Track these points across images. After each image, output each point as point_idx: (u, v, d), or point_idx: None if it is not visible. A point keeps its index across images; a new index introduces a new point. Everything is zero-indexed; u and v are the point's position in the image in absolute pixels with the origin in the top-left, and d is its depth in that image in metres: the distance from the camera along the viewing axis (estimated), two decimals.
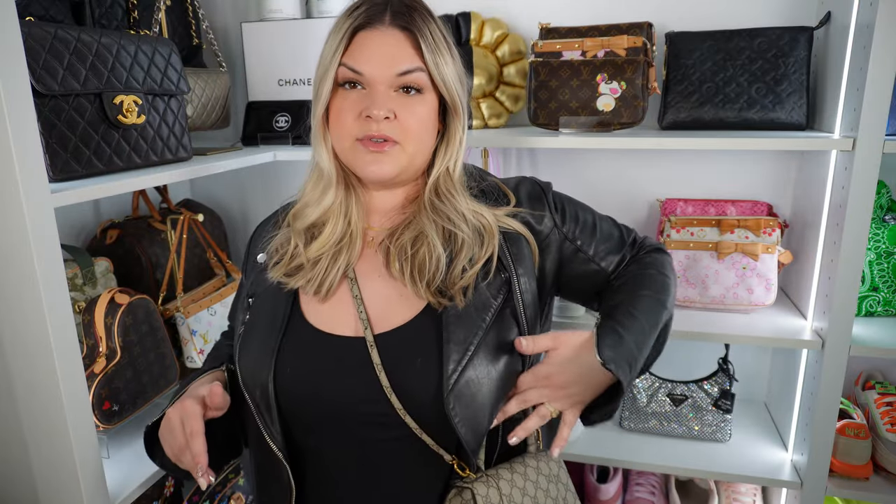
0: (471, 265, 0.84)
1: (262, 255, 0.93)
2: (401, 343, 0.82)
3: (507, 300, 0.85)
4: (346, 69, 0.82)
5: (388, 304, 0.85)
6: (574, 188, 1.61)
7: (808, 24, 1.36)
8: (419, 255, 0.84)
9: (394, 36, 0.82)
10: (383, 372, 0.80)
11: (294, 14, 1.57)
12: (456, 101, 0.87)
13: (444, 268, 0.83)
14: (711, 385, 1.47)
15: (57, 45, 1.00)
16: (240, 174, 1.80)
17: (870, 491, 1.32)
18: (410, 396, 0.80)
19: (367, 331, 0.82)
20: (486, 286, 0.85)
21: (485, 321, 0.83)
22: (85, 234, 1.50)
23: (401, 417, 0.80)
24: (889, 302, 1.39)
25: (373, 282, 0.87)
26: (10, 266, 0.89)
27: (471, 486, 0.79)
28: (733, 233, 1.38)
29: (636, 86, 1.29)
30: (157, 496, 1.36)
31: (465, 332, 0.81)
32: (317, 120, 0.86)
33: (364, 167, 0.84)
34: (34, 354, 0.92)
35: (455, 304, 0.82)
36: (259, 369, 0.84)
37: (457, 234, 0.85)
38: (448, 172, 0.89)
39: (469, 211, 0.87)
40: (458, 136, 0.89)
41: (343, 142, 0.85)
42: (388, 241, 0.88)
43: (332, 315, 0.86)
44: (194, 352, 1.36)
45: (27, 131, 0.85)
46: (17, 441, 0.99)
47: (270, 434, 0.82)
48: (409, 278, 0.84)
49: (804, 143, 1.20)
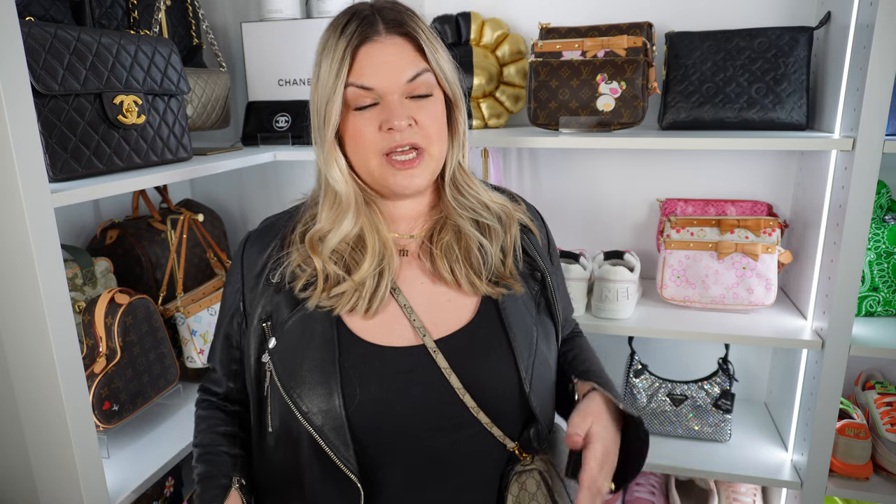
0: (503, 252, 0.89)
1: (277, 273, 0.86)
2: (463, 344, 0.83)
3: (542, 293, 0.91)
4: (356, 88, 0.81)
5: (437, 309, 0.86)
6: (574, 188, 1.62)
7: (808, 24, 1.36)
8: (465, 251, 0.87)
9: (394, 44, 0.82)
10: (453, 374, 0.80)
11: (294, 14, 1.57)
12: (457, 94, 0.88)
13: (488, 256, 0.87)
14: (711, 385, 1.47)
15: (57, 45, 1.00)
16: (240, 174, 1.80)
17: (870, 491, 1.32)
18: (484, 394, 0.81)
19: (426, 337, 0.82)
20: (524, 278, 0.90)
21: (532, 314, 0.88)
22: (85, 234, 1.50)
23: (473, 416, 0.81)
24: (889, 302, 1.39)
25: (415, 289, 0.87)
26: (10, 266, 0.89)
27: (535, 466, 0.84)
28: (733, 233, 1.38)
29: (636, 86, 1.29)
30: (157, 496, 1.36)
31: (524, 327, 0.85)
32: (326, 143, 0.84)
33: (396, 183, 0.84)
34: (34, 354, 0.92)
35: (512, 290, 0.86)
36: (323, 398, 0.79)
37: (485, 223, 0.89)
38: (460, 165, 0.91)
39: (490, 200, 0.91)
40: (461, 127, 0.90)
41: (370, 161, 0.83)
42: (430, 244, 0.89)
43: (382, 328, 0.84)
44: (194, 352, 1.36)
45: (27, 131, 0.85)
46: (17, 441, 0.99)
47: (344, 459, 0.78)
48: (464, 276, 0.86)
49: (804, 143, 1.20)
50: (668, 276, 1.41)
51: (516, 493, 0.83)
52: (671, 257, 1.41)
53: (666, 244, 1.42)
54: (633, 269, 1.41)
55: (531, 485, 0.83)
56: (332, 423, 0.78)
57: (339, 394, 0.79)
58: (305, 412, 0.79)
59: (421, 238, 0.91)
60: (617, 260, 1.48)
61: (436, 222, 0.91)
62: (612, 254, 1.50)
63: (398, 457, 0.82)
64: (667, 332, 1.34)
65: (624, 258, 1.48)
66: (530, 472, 0.83)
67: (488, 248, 0.87)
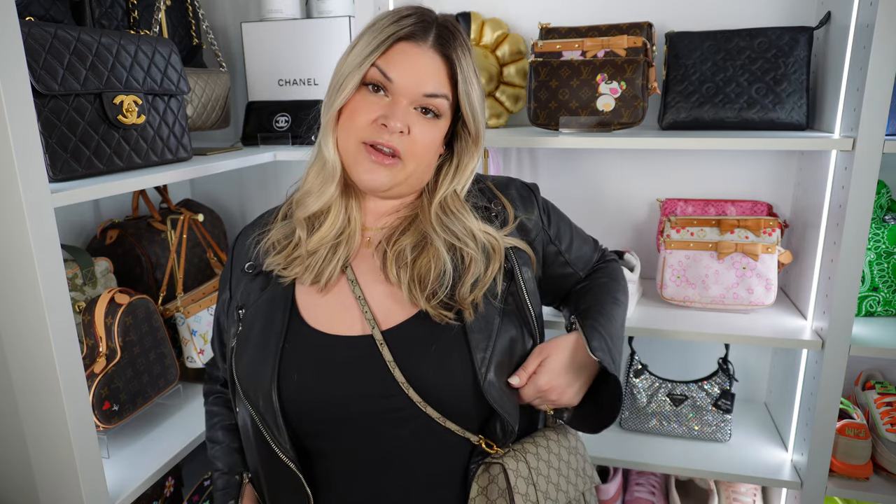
0: (478, 283, 0.85)
1: (250, 262, 0.92)
2: (410, 337, 0.83)
3: (511, 288, 0.89)
4: (378, 71, 0.82)
5: (392, 303, 0.85)
6: (574, 188, 1.62)
7: (808, 24, 1.36)
8: (419, 263, 0.85)
9: (432, 58, 0.84)
10: (396, 368, 0.80)
11: (294, 14, 1.57)
12: (480, 131, 0.89)
13: (449, 283, 0.84)
14: (711, 385, 1.47)
15: (57, 45, 1.00)
16: (240, 174, 1.80)
17: (870, 491, 1.32)
18: (431, 388, 0.80)
19: (375, 329, 0.82)
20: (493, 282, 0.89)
21: (496, 308, 0.86)
22: (85, 234, 1.50)
23: (420, 409, 0.80)
24: (889, 302, 1.39)
25: (373, 282, 0.87)
26: (10, 266, 0.89)
27: (500, 461, 0.81)
28: (733, 233, 1.38)
29: (636, 86, 1.29)
30: (157, 496, 1.36)
31: (484, 322, 0.83)
32: (332, 111, 0.86)
33: (361, 173, 0.85)
34: (34, 354, 0.92)
35: (462, 318, 0.83)
36: (260, 379, 0.82)
37: (465, 252, 0.86)
38: (456, 194, 0.90)
39: (479, 230, 0.88)
40: (472, 164, 0.91)
41: (349, 140, 0.85)
42: (386, 244, 0.88)
43: (333, 316, 0.85)
44: (194, 352, 1.36)
45: (27, 131, 0.85)
46: (17, 441, 0.99)
47: (278, 443, 0.81)
48: (406, 286, 0.84)
49: (804, 143, 1.20)
50: (668, 276, 1.41)
51: (484, 483, 0.81)
52: (671, 257, 1.41)
53: (666, 244, 1.42)
54: (633, 269, 1.41)
55: (502, 480, 0.81)
56: (267, 406, 0.81)
57: (276, 377, 0.81)
58: (246, 392, 0.83)
59: (381, 234, 0.91)
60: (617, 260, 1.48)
61: (402, 222, 0.90)
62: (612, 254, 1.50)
63: (346, 450, 0.83)
64: (667, 332, 1.34)
65: (624, 258, 1.48)
66: (500, 466, 0.81)
67: (448, 274, 0.84)
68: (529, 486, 0.81)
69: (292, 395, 0.81)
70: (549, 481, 0.84)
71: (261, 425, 0.82)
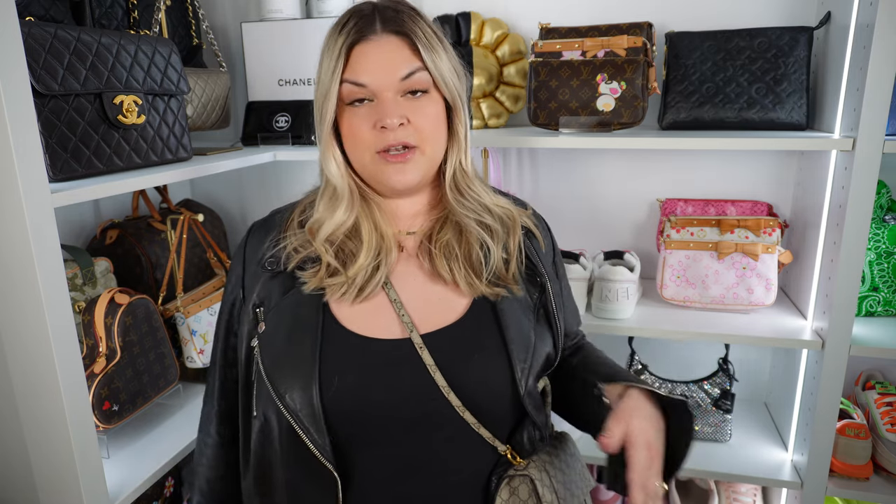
0: (506, 253, 0.88)
1: (270, 259, 0.89)
2: (452, 341, 0.83)
3: (542, 301, 0.90)
4: (350, 85, 0.82)
5: (429, 307, 0.85)
6: (574, 188, 1.62)
7: (808, 24, 1.36)
8: (465, 251, 0.87)
9: (389, 42, 0.83)
10: (438, 372, 0.80)
11: (294, 14, 1.57)
12: (455, 96, 0.87)
13: (493, 260, 0.86)
14: (711, 385, 1.47)
15: (57, 45, 1.00)
16: (240, 174, 1.80)
17: (870, 491, 1.32)
18: (471, 393, 0.80)
19: (414, 332, 0.82)
20: (524, 283, 0.89)
21: (530, 319, 0.86)
22: (85, 234, 1.50)
23: (458, 414, 0.80)
24: (889, 302, 1.38)
25: (408, 285, 0.87)
26: (10, 266, 0.89)
27: (527, 473, 0.82)
28: (733, 233, 1.38)
29: (636, 86, 1.29)
30: (157, 496, 1.36)
31: (521, 333, 0.84)
32: (323, 139, 0.86)
33: (388, 178, 0.84)
34: (34, 354, 0.92)
35: (512, 292, 0.85)
36: (299, 382, 0.80)
37: (488, 224, 0.88)
38: (461, 167, 0.90)
39: (492, 203, 0.90)
40: (461, 130, 0.90)
41: (363, 157, 0.84)
42: (428, 243, 0.88)
43: (368, 319, 0.84)
44: (194, 352, 1.36)
45: (27, 131, 0.85)
46: (17, 441, 0.99)
47: (319, 446, 0.78)
48: (463, 276, 0.85)
49: (804, 143, 1.20)
50: (668, 276, 1.41)
51: (506, 497, 0.81)
52: (671, 257, 1.41)
53: (666, 244, 1.42)
54: (633, 269, 1.41)
55: (523, 492, 0.81)
56: (308, 410, 0.79)
57: (317, 380, 0.79)
58: (283, 397, 0.80)
59: (420, 236, 0.91)
60: (617, 260, 1.48)
61: (436, 220, 0.91)
62: (612, 254, 1.51)
63: (378, 451, 0.82)
64: (667, 332, 1.34)
65: (624, 258, 1.48)
66: (523, 478, 0.82)
67: (491, 247, 0.87)
68: (553, 494, 0.82)
69: (333, 398, 0.79)
70: (565, 488, 0.85)
71: (297, 428, 0.79)
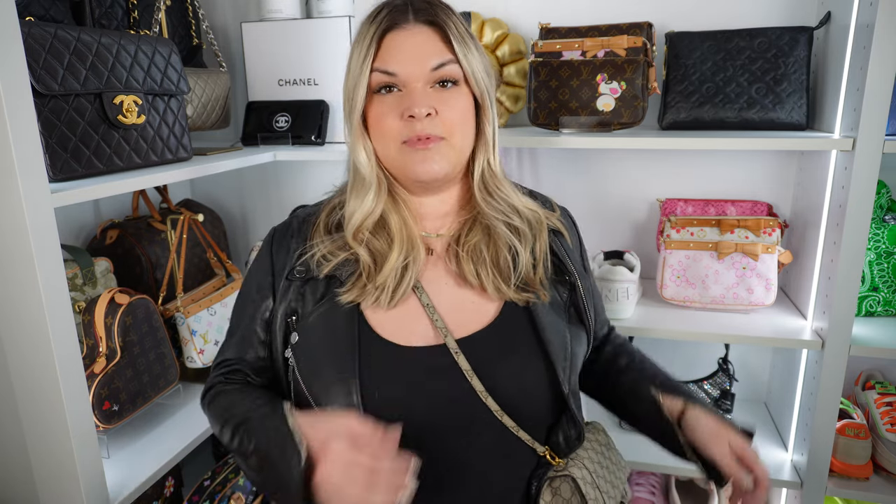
0: (533, 257, 0.87)
1: (300, 268, 0.86)
2: (487, 345, 0.82)
3: (573, 300, 0.90)
4: (380, 73, 0.82)
5: (461, 311, 0.85)
6: (574, 188, 1.62)
7: (808, 24, 1.36)
8: (494, 254, 0.86)
9: (422, 32, 0.82)
10: (475, 377, 0.79)
11: (294, 14, 1.57)
12: (484, 92, 0.86)
13: (522, 264, 0.85)
14: (711, 385, 1.47)
15: (57, 45, 1.01)
16: (240, 174, 1.80)
17: (870, 491, 1.32)
18: (509, 396, 0.80)
19: (448, 337, 0.81)
20: (553, 283, 0.88)
21: (563, 319, 0.86)
22: (85, 234, 1.50)
23: (496, 418, 0.80)
24: (889, 302, 1.39)
25: (440, 289, 0.86)
26: (10, 266, 0.89)
27: (567, 472, 0.82)
28: (733, 233, 1.38)
29: (636, 86, 1.29)
30: (157, 496, 1.36)
31: (558, 333, 0.84)
32: (354, 127, 0.85)
33: (414, 167, 0.82)
34: (34, 354, 0.92)
35: (539, 298, 0.84)
36: (343, 395, 0.79)
37: (516, 227, 0.87)
38: (490, 167, 0.89)
39: (521, 205, 0.89)
40: (489, 129, 0.88)
41: (389, 146, 0.83)
42: (456, 246, 0.87)
43: (402, 326, 0.83)
44: (194, 352, 1.36)
45: (27, 131, 0.85)
46: (17, 441, 0.99)
47: None
48: (490, 281, 0.84)
49: (804, 143, 1.20)
50: (668, 276, 1.41)
51: (549, 499, 0.81)
52: (671, 257, 1.41)
53: (666, 244, 1.42)
54: (633, 269, 1.41)
55: (566, 490, 0.81)
56: None
57: (358, 391, 0.78)
58: (325, 408, 0.80)
59: (448, 238, 0.89)
60: (617, 260, 1.48)
61: (464, 223, 0.89)
62: (612, 254, 1.50)
63: (420, 459, 0.80)
64: (667, 332, 1.34)
65: (624, 258, 1.48)
66: (564, 478, 0.82)
67: (520, 251, 0.86)
68: (595, 490, 0.83)
69: (375, 410, 0.78)
70: (606, 480, 0.86)
71: None
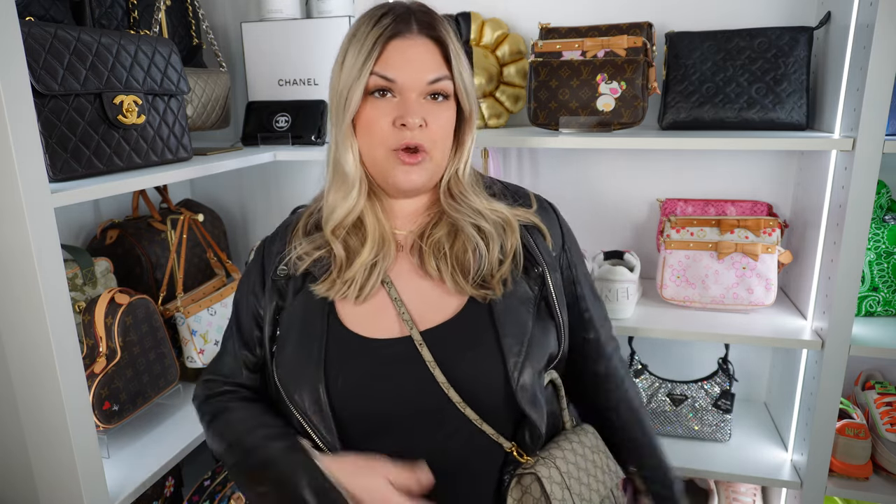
0: (502, 255, 0.87)
1: (283, 268, 0.90)
2: (449, 338, 0.83)
3: (543, 294, 0.89)
4: (379, 77, 0.83)
5: (428, 303, 0.86)
6: (574, 188, 1.62)
7: (808, 24, 1.36)
8: (456, 249, 0.87)
9: (423, 45, 0.84)
10: (437, 368, 0.80)
11: (294, 14, 1.57)
12: (472, 107, 0.89)
13: (485, 263, 0.86)
14: (711, 385, 1.47)
15: (57, 45, 1.01)
16: (240, 174, 1.80)
17: (870, 491, 1.32)
18: (469, 389, 0.81)
19: (413, 330, 0.83)
20: (523, 278, 0.88)
21: (530, 314, 0.86)
22: (85, 234, 1.50)
23: (459, 411, 0.80)
24: (889, 302, 1.39)
25: (408, 283, 0.88)
26: (10, 266, 0.89)
27: (533, 471, 0.82)
28: (733, 233, 1.38)
29: (636, 86, 1.29)
30: (157, 496, 1.36)
31: (517, 327, 0.84)
32: (344, 127, 0.86)
33: (397, 177, 0.85)
34: (34, 354, 0.92)
35: (494, 294, 0.84)
36: (307, 384, 0.82)
37: (483, 227, 0.88)
38: (457, 175, 0.91)
39: (485, 208, 0.90)
40: (469, 143, 0.91)
41: (376, 151, 0.85)
42: (420, 241, 0.89)
43: (371, 319, 0.86)
44: (194, 352, 1.36)
45: (27, 131, 0.85)
46: (17, 441, 0.99)
47: (329, 445, 0.81)
48: (449, 275, 0.86)
49: (804, 143, 1.20)
50: (668, 276, 1.41)
51: (518, 496, 0.82)
52: (671, 257, 1.41)
53: (666, 244, 1.42)
54: (633, 269, 1.41)
55: (536, 489, 0.82)
56: (316, 408, 0.81)
57: (323, 381, 0.81)
58: (292, 396, 0.83)
59: (415, 234, 0.91)
60: (617, 260, 1.48)
61: (430, 218, 0.92)
62: (612, 254, 1.50)
63: (387, 449, 0.82)
64: (667, 332, 1.34)
65: (624, 258, 1.48)
66: (532, 476, 0.82)
67: (482, 250, 0.87)
68: (564, 490, 0.82)
69: (338, 399, 0.81)
70: (580, 483, 0.85)
71: (309, 428, 0.82)
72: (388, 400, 0.81)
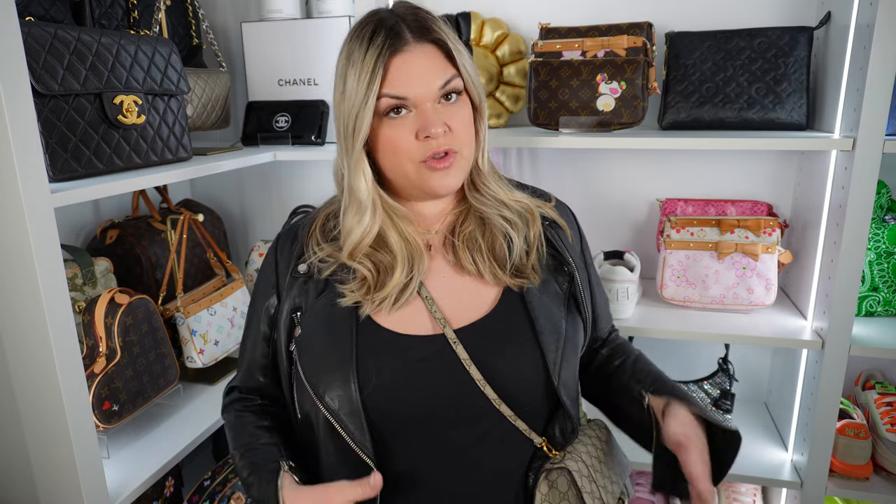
0: (527, 244, 0.89)
1: (303, 265, 0.89)
2: (485, 335, 0.84)
3: (571, 291, 0.90)
4: (390, 98, 0.81)
5: (459, 301, 0.86)
6: (574, 188, 1.62)
7: (808, 24, 1.36)
8: (488, 241, 0.88)
9: (424, 52, 0.83)
10: (473, 366, 0.80)
11: (294, 14, 1.57)
12: (481, 97, 0.89)
13: (517, 252, 0.87)
14: (711, 385, 1.47)
15: (57, 45, 1.00)
16: (240, 174, 1.80)
17: (870, 491, 1.32)
18: (505, 386, 0.81)
19: (447, 328, 0.83)
20: (552, 275, 0.89)
21: (560, 308, 0.87)
22: (85, 234, 1.50)
23: (494, 407, 0.81)
24: (889, 302, 1.39)
25: (438, 281, 0.88)
26: (10, 266, 0.89)
27: (563, 465, 0.83)
28: (733, 233, 1.38)
29: (636, 86, 1.29)
30: (157, 496, 1.36)
31: (552, 323, 0.85)
32: (355, 153, 0.84)
33: (433, 186, 0.84)
34: (34, 354, 0.92)
35: (531, 282, 0.86)
36: (339, 382, 0.81)
37: (507, 217, 0.89)
38: (477, 166, 0.91)
39: (508, 198, 0.91)
40: (482, 130, 0.91)
41: (406, 167, 0.84)
42: (452, 237, 0.90)
43: (402, 317, 0.85)
44: (194, 352, 1.36)
45: (27, 131, 0.85)
46: (18, 441, 0.99)
47: (360, 444, 0.80)
48: (487, 267, 0.86)
49: (804, 143, 1.20)
50: (668, 276, 1.41)
51: (545, 491, 0.82)
52: (671, 257, 1.41)
53: (666, 244, 1.42)
54: (633, 269, 1.41)
55: (562, 483, 0.82)
56: (348, 408, 0.80)
57: (355, 379, 0.80)
58: (323, 397, 0.82)
59: (443, 232, 0.91)
60: (617, 260, 1.48)
61: (458, 215, 0.92)
62: (612, 254, 1.51)
63: (417, 446, 0.82)
64: (667, 332, 1.34)
65: (624, 258, 1.48)
66: (560, 471, 0.82)
67: (513, 238, 0.88)
68: (592, 483, 0.83)
69: (370, 396, 0.80)
70: (603, 475, 0.87)
71: (338, 426, 0.81)
72: (422, 398, 0.81)
